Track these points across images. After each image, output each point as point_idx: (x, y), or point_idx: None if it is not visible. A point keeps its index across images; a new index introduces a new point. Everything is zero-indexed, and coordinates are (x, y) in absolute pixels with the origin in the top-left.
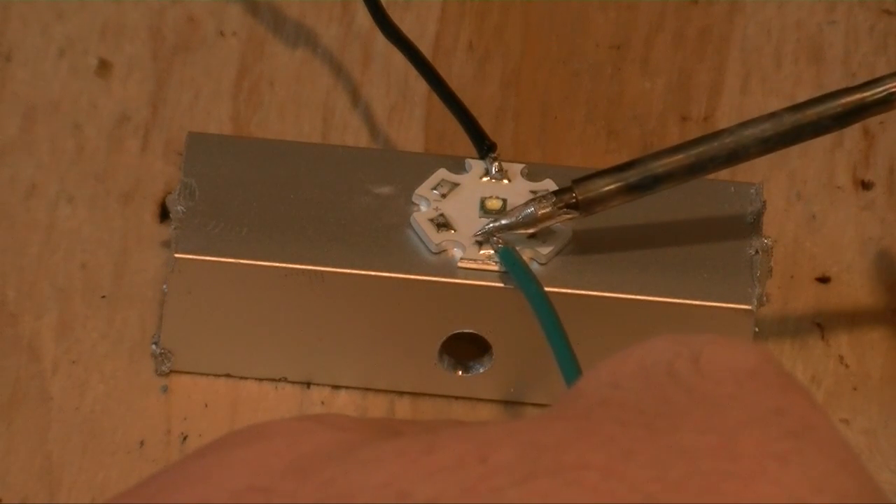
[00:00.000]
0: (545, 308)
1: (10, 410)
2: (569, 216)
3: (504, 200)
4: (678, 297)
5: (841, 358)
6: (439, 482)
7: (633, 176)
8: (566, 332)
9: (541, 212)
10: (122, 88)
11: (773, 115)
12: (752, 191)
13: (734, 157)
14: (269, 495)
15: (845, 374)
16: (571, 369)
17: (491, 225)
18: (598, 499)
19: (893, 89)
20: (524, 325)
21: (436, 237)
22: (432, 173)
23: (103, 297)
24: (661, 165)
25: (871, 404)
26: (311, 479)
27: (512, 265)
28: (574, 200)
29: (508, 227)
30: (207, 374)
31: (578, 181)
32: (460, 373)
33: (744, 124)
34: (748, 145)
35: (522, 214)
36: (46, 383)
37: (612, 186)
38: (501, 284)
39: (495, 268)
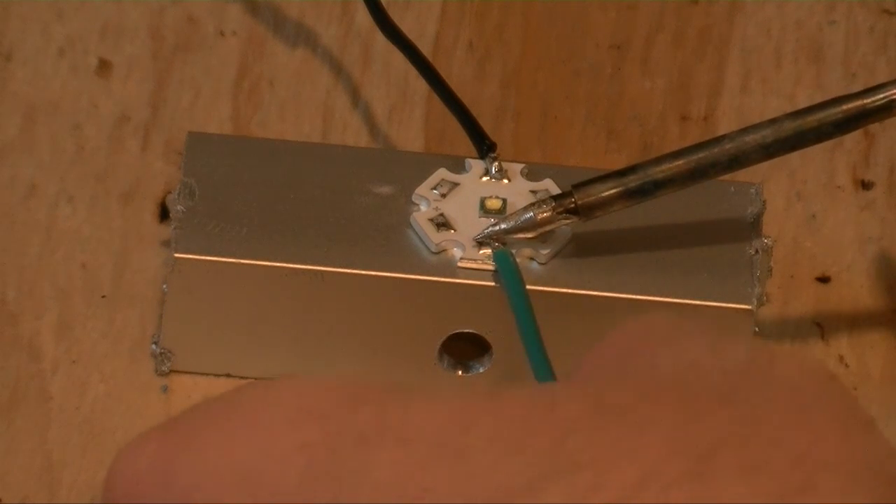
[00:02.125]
0: (524, 314)
1: (10, 410)
2: (568, 221)
3: (504, 200)
4: (678, 297)
5: (841, 358)
6: (502, 420)
7: (633, 181)
8: (543, 340)
9: (540, 217)
10: (122, 88)
11: (773, 122)
12: (752, 191)
13: (735, 162)
14: (325, 421)
15: (845, 374)
16: (545, 375)
17: (490, 229)
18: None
19: (894, 96)
20: None
21: (436, 237)
22: (432, 173)
23: (103, 297)
24: (661, 171)
25: (872, 404)
26: (367, 407)
27: (504, 268)
28: (573, 205)
29: (507, 232)
30: (207, 374)
31: (578, 186)
32: (460, 373)
33: (744, 130)
34: (749, 151)
35: (521, 219)
36: (46, 383)
37: (611, 192)
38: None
39: (495, 268)
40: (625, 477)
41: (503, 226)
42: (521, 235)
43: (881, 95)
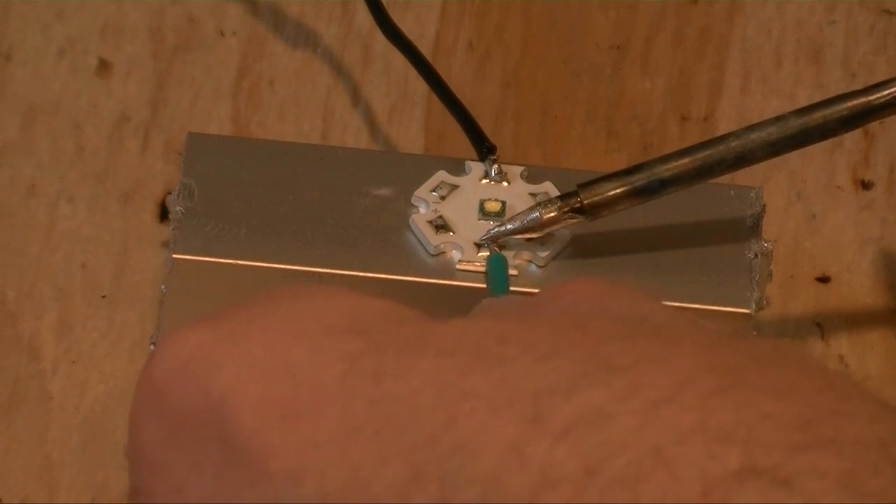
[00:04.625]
0: None
1: (10, 410)
2: (574, 220)
3: (503, 203)
4: (676, 301)
5: (841, 358)
6: (537, 333)
7: (639, 180)
8: None
9: (546, 216)
10: (122, 88)
11: (779, 119)
12: (752, 194)
13: (741, 160)
14: (367, 334)
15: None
16: None
17: (496, 230)
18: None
19: None
20: None
21: (435, 239)
22: (432, 175)
23: (103, 297)
24: (667, 169)
25: None
26: (408, 324)
27: (494, 272)
28: (579, 205)
29: (513, 232)
30: None
31: (583, 185)
32: None
33: (750, 128)
34: (754, 149)
35: (528, 219)
36: (46, 383)
37: (618, 190)
38: None
39: None
40: (661, 382)
41: (509, 226)
42: (525, 236)
43: (886, 92)
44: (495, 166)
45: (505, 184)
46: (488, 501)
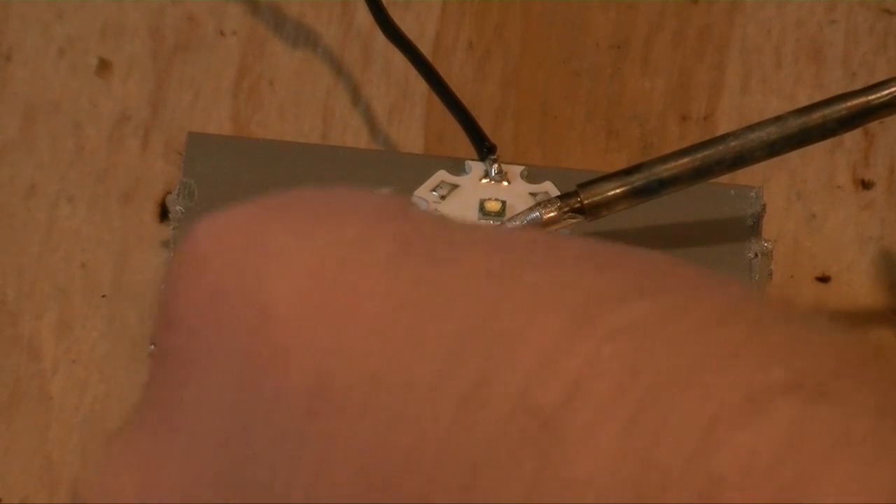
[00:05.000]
0: None
1: (10, 410)
2: (574, 220)
3: (503, 203)
4: None
5: None
6: (585, 248)
7: (638, 180)
8: None
9: (546, 216)
10: (122, 88)
11: (778, 119)
12: (752, 194)
13: (740, 160)
14: (418, 225)
15: None
16: None
17: None
18: None
19: None
20: None
21: None
22: (432, 175)
23: (103, 296)
24: (666, 169)
25: None
26: (461, 224)
27: None
28: (579, 205)
29: None
30: None
31: (583, 185)
32: None
33: (749, 128)
34: (754, 149)
35: (528, 219)
36: (46, 383)
37: (617, 190)
38: None
39: None
40: (710, 305)
41: (509, 226)
42: None
43: (885, 92)
44: (495, 166)
45: (505, 183)
46: (528, 388)
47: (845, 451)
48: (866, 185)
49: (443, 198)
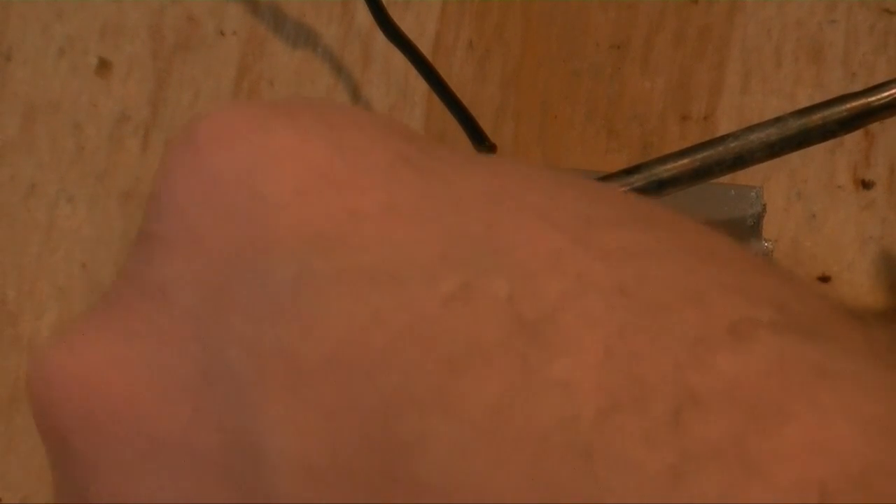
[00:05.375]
0: None
1: (10, 410)
2: None
3: None
4: None
5: None
6: (586, 183)
7: (638, 180)
8: None
9: None
10: (122, 88)
11: (778, 120)
12: (753, 194)
13: (740, 161)
14: (422, 146)
15: None
16: None
17: None
18: None
19: None
20: None
21: None
22: None
23: None
24: (666, 170)
25: None
26: (462, 156)
27: None
28: None
29: None
30: None
31: None
32: None
33: (749, 129)
34: (754, 150)
35: None
36: None
37: None
38: None
39: None
40: (702, 244)
41: None
42: None
43: (885, 93)
44: None
45: None
46: (515, 294)
47: (825, 383)
48: (866, 185)
49: None
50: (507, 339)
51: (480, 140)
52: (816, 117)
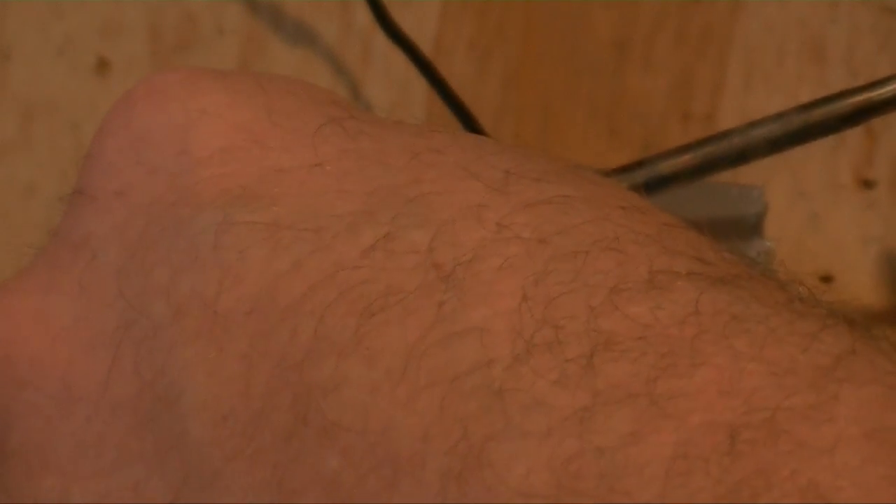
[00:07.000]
0: None
1: None
2: None
3: None
4: None
5: None
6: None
7: (640, 177)
8: None
9: None
10: (121, 87)
11: (780, 116)
12: (755, 193)
13: (742, 157)
14: (351, 112)
15: None
16: None
17: None
18: None
19: None
20: None
21: None
22: None
23: None
24: (668, 166)
25: None
26: (390, 122)
27: None
28: None
29: None
30: None
31: None
32: None
33: (752, 124)
34: (756, 145)
35: None
36: None
37: None
38: None
39: None
40: (631, 201)
41: None
42: None
43: (888, 88)
44: None
45: None
46: (435, 244)
47: (738, 328)
48: (869, 184)
49: None
50: (425, 286)
51: None
52: (819, 112)
